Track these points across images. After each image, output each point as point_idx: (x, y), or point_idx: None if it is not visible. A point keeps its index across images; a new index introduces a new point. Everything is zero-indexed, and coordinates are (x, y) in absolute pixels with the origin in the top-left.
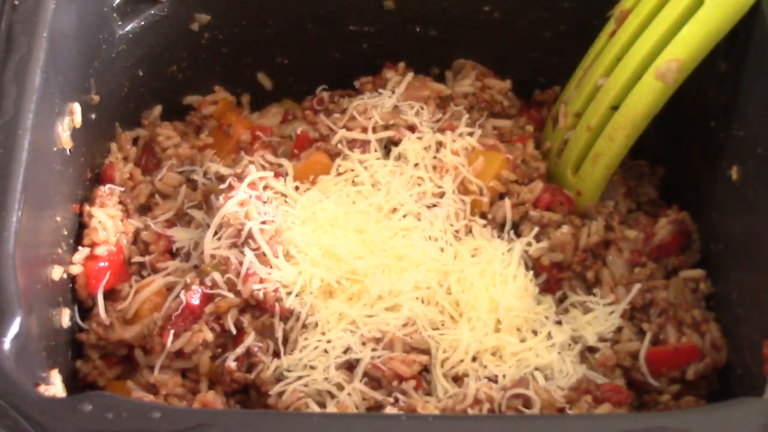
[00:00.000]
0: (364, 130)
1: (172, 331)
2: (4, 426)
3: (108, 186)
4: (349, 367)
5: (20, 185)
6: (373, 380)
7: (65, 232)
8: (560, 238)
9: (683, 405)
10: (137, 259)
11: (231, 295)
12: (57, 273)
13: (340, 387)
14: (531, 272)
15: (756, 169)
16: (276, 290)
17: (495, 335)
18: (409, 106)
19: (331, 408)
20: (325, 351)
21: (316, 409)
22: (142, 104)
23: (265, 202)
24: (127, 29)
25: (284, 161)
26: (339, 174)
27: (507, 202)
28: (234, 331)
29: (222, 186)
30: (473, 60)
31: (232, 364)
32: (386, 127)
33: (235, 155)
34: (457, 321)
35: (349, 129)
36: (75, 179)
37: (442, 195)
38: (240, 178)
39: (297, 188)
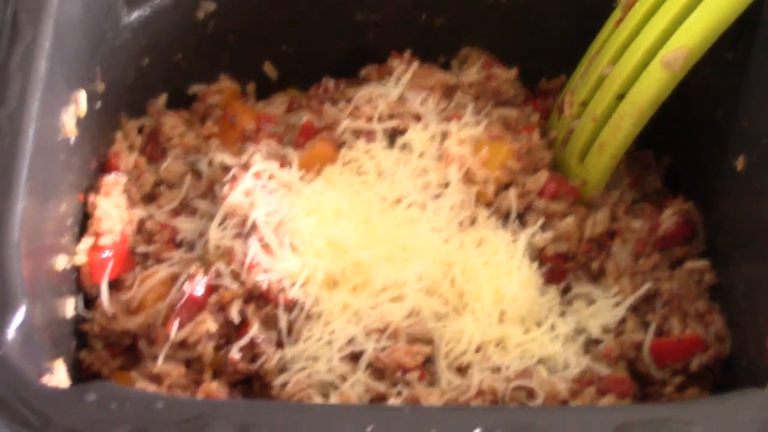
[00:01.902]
0: (370, 119)
1: (176, 321)
2: (9, 415)
3: (113, 175)
4: (353, 357)
5: (25, 174)
6: (377, 371)
7: (70, 222)
8: (565, 228)
9: (687, 396)
10: (142, 249)
11: (235, 286)
12: (61, 262)
13: (344, 378)
14: (536, 263)
15: (762, 159)
16: (280, 281)
17: (499, 326)
18: (415, 95)
19: (334, 399)
20: (329, 342)
21: (319, 400)
22: (147, 93)
23: (270, 192)
24: (132, 17)
25: (289, 151)
26: (345, 164)
27: (512, 192)
28: (237, 320)
29: (227, 176)
30: (479, 48)
31: (236, 355)
32: (391, 117)
33: (241, 144)
34: (461, 312)
35: (354, 118)
36: (80, 168)
37: (447, 185)
38: (245, 167)
39: (302, 178)
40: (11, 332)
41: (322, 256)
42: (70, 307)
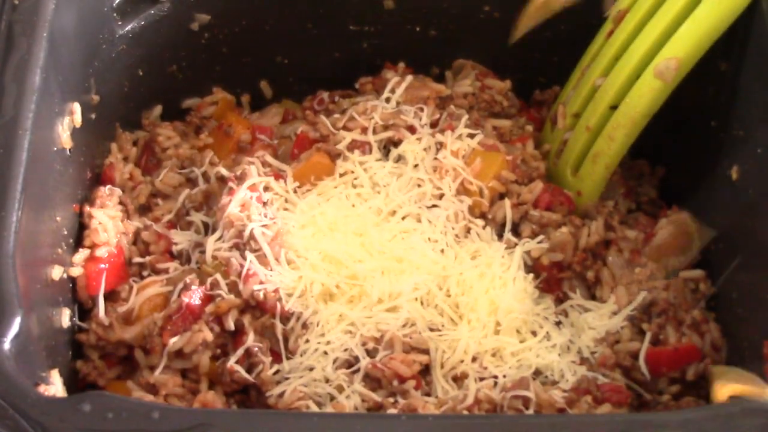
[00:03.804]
0: (364, 130)
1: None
2: (4, 426)
3: (108, 187)
4: (349, 367)
5: (20, 185)
6: (374, 380)
7: (65, 232)
8: (560, 238)
9: (683, 405)
10: (138, 259)
11: (231, 296)
12: (57, 273)
13: (341, 389)
14: (531, 274)
15: (756, 168)
16: (276, 290)
17: (495, 336)
18: (410, 107)
19: (330, 409)
20: (325, 353)
21: (315, 410)
22: (142, 104)
23: (265, 203)
24: (127, 29)
25: (284, 166)
26: (339, 176)
27: (507, 203)
28: (233, 328)
29: (224, 188)
30: (473, 60)
31: (234, 365)
32: (386, 128)
33: (235, 155)
34: (456, 323)
35: (348, 129)
36: (75, 179)
37: (441, 196)
38: (240, 180)
39: (297, 189)
40: (7, 342)
41: (317, 270)
42: (65, 317)
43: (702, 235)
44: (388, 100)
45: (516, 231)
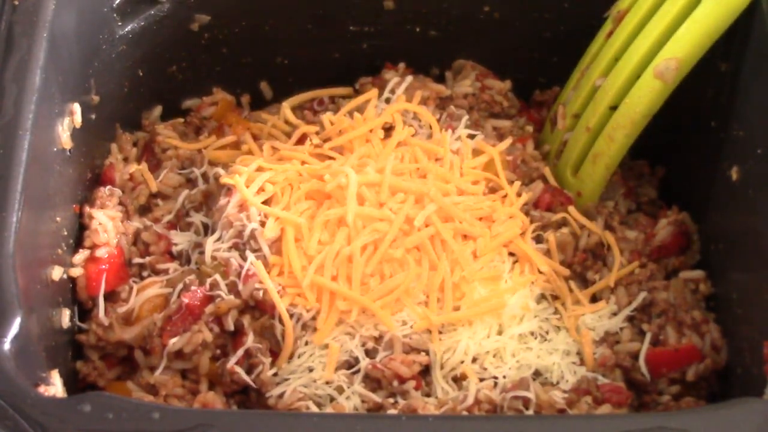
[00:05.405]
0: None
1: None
2: (4, 426)
3: (108, 187)
4: (349, 368)
5: (20, 185)
6: (373, 381)
7: (65, 233)
8: (560, 239)
9: (683, 405)
10: (138, 260)
11: (231, 297)
12: (57, 273)
13: (341, 390)
14: (531, 275)
15: (756, 169)
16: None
17: (495, 337)
18: (409, 107)
19: (330, 410)
20: (324, 354)
21: (315, 410)
22: (142, 104)
23: (264, 204)
24: (127, 29)
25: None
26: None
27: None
28: (232, 329)
29: (222, 188)
30: (473, 60)
31: (234, 366)
32: (386, 128)
33: (235, 156)
34: (456, 323)
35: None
36: (75, 179)
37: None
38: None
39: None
40: (7, 343)
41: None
42: (65, 318)
43: None
44: (388, 100)
45: None
